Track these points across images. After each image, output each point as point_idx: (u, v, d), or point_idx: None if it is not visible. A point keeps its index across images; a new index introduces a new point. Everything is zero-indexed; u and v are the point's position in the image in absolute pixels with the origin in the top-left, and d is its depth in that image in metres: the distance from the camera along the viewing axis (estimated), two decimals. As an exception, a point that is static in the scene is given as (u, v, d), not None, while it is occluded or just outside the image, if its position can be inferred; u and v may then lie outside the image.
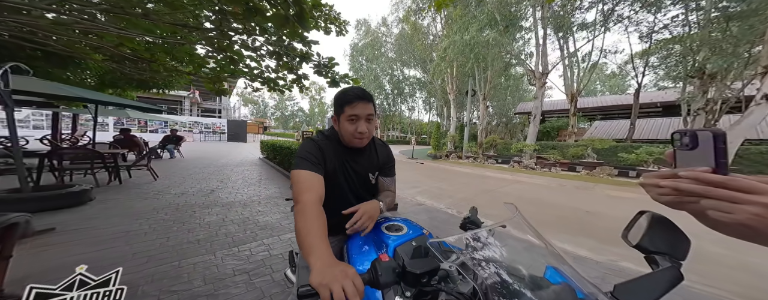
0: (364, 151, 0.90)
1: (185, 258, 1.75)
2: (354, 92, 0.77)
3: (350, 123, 0.77)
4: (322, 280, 0.46)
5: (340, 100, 0.78)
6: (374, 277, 0.49)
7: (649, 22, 8.61)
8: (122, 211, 2.70)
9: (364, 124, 0.77)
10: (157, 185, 4.07)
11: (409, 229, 0.80)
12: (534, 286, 0.46)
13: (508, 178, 6.62)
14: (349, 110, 0.76)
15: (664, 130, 12.26)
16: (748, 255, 2.08)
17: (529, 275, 0.50)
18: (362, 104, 0.76)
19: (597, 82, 30.06)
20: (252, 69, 3.67)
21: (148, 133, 16.37)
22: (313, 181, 0.72)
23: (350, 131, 0.78)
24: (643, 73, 11.02)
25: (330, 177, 0.81)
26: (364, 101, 0.76)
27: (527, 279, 0.49)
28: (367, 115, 0.77)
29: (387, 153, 0.97)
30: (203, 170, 5.79)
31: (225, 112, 28.27)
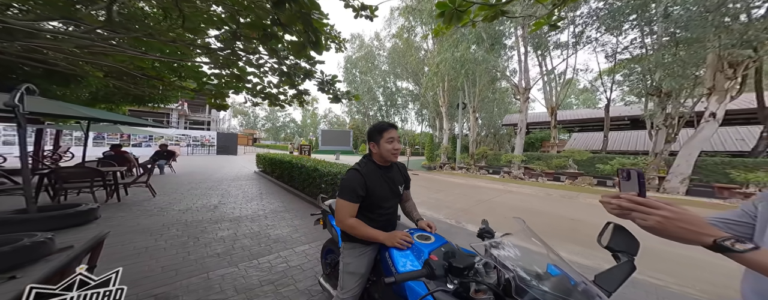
0: (392, 169, 1.21)
1: (211, 270, 1.85)
2: (387, 123, 1.13)
3: (389, 143, 1.10)
4: (392, 239, 1.03)
5: (379, 129, 1.11)
6: (430, 271, 0.74)
7: (613, 43, 9.73)
8: (132, 228, 2.71)
9: (397, 143, 1.11)
10: (158, 202, 4.03)
11: (435, 239, 1.07)
12: (539, 277, 0.68)
13: (500, 188, 6.98)
14: (387, 135, 1.10)
15: (634, 142, 13.37)
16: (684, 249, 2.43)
17: (535, 271, 0.71)
18: (394, 130, 1.11)
19: (572, 97, 32.36)
20: (255, 85, 3.84)
21: (132, 147, 15.72)
22: (351, 208, 1.06)
23: (389, 149, 1.10)
24: (610, 89, 12.22)
25: (375, 190, 1.10)
26: (395, 128, 1.12)
27: (534, 273, 0.70)
28: (398, 137, 1.13)
29: (405, 169, 1.32)
30: (200, 186, 5.72)
31: (214, 123, 27.67)
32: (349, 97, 3.82)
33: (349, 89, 3.59)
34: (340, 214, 1.04)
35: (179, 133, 19.18)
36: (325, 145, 18.06)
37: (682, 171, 6.74)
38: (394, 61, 19.63)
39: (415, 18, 14.79)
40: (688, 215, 0.47)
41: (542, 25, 1.79)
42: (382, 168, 1.14)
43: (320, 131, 19.87)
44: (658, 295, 1.82)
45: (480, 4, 1.65)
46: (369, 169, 1.11)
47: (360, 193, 1.04)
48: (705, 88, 6.63)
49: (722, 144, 10.84)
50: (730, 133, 11.18)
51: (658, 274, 2.11)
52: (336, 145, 18.02)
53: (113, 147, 6.90)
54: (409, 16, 14.98)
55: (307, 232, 2.80)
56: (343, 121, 44.33)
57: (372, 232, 1.03)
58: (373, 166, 1.13)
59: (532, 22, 9.01)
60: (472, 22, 1.74)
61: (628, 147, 13.05)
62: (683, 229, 0.46)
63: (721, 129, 8.13)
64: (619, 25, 8.12)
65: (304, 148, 10.22)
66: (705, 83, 6.64)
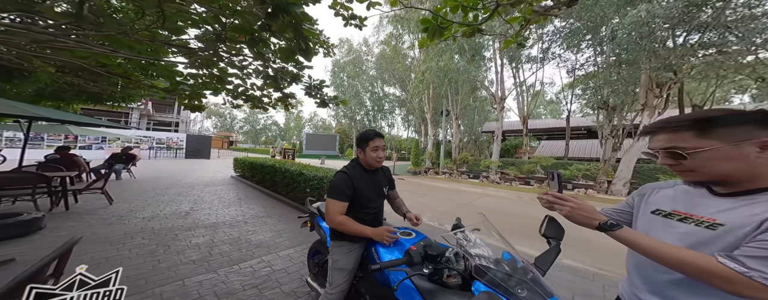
0: (377, 173, 1.32)
1: (187, 277, 1.75)
2: (374, 132, 1.21)
3: (374, 151, 1.18)
4: (378, 234, 1.10)
5: (366, 137, 1.20)
6: (409, 259, 0.87)
7: (573, 60, 11.03)
8: (87, 238, 2.43)
9: (381, 151, 1.20)
10: (115, 210, 3.65)
11: (416, 235, 1.21)
12: (497, 262, 0.87)
13: (479, 192, 7.39)
14: (373, 144, 1.18)
15: (589, 150, 15.01)
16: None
17: (494, 258, 0.90)
18: (379, 139, 1.20)
19: (541, 107, 35.52)
20: (236, 86, 3.71)
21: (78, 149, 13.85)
22: (340, 207, 1.13)
23: (373, 156, 1.19)
24: (571, 102, 13.71)
25: (362, 191, 1.18)
26: (381, 138, 1.20)
27: (493, 260, 0.89)
28: (383, 146, 1.22)
29: (389, 172, 1.44)
30: (167, 192, 5.26)
31: (183, 125, 25.50)
32: (337, 102, 3.85)
33: (336, 94, 3.65)
34: (330, 213, 1.11)
35: (140, 134, 17.37)
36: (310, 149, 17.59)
37: (625, 176, 7.76)
38: (382, 66, 19.86)
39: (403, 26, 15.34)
40: (586, 206, 0.64)
41: (511, 43, 2.07)
42: (369, 172, 1.23)
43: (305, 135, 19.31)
44: (604, 283, 2.10)
45: (457, 23, 1.88)
46: (356, 172, 1.19)
47: (347, 193, 1.13)
48: (640, 103, 7.79)
49: (657, 152, 12.64)
50: (662, 143, 13.08)
51: (599, 264, 2.43)
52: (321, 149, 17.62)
53: (59, 149, 6.09)
54: (398, 24, 15.52)
55: (291, 237, 2.75)
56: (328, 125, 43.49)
57: (360, 227, 1.10)
58: (360, 169, 1.22)
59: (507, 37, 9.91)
60: (453, 37, 1.96)
61: (585, 154, 14.61)
62: (582, 215, 0.63)
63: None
64: (578, 43, 9.24)
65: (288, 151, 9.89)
66: (639, 100, 7.81)
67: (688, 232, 0.56)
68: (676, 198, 0.63)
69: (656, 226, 0.63)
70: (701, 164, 0.53)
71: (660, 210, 0.64)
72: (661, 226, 0.62)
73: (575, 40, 9.08)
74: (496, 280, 0.76)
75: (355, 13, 2.79)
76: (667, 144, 0.57)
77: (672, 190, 0.66)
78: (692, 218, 0.57)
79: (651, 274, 0.62)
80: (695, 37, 6.50)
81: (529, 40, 9.65)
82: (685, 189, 0.63)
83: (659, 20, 6.04)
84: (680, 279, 0.55)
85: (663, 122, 0.59)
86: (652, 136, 0.62)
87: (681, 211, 0.60)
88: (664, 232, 0.60)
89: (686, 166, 0.55)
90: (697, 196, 0.60)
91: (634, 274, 0.67)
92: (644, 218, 0.67)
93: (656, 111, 7.45)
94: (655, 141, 0.60)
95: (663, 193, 0.67)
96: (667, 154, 0.57)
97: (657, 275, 0.60)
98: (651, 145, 0.62)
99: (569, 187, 8.57)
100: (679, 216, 0.60)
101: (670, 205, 0.63)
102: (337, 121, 31.60)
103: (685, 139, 0.54)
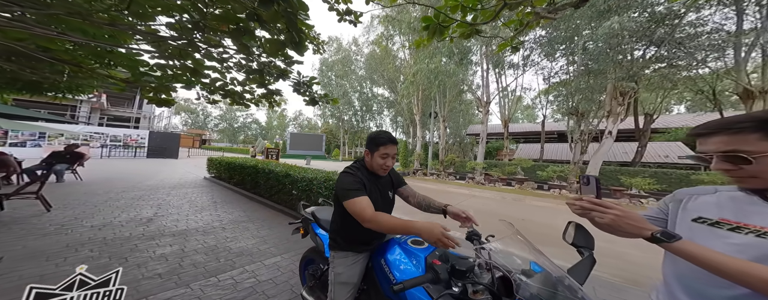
0: (381, 177, 1.17)
1: (151, 294, 1.48)
2: (387, 136, 1.04)
3: (382, 158, 1.03)
4: (428, 229, 0.81)
5: (376, 141, 1.03)
6: (435, 276, 0.74)
7: (549, 68, 11.86)
8: (14, 253, 1.99)
9: (390, 160, 1.05)
10: (54, 218, 3.09)
11: (427, 244, 1.06)
12: (526, 274, 0.76)
13: (466, 193, 7.56)
14: (383, 150, 1.02)
15: (560, 153, 16.24)
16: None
17: (522, 268, 0.80)
18: (392, 146, 1.03)
19: (519, 111, 37.88)
20: (214, 80, 3.36)
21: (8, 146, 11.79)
22: (368, 202, 0.95)
23: (380, 164, 1.04)
24: (545, 107, 14.74)
25: (369, 194, 1.03)
26: (393, 144, 1.04)
27: (520, 271, 0.78)
28: (393, 154, 1.05)
29: (396, 173, 1.27)
30: (123, 195, 4.61)
31: (145, 121, 23.00)
32: (327, 100, 3.65)
33: (326, 92, 3.47)
34: (362, 212, 0.91)
35: (91, 130, 15.34)
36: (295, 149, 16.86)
37: (592, 177, 8.52)
38: (371, 67, 19.70)
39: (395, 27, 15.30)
40: (633, 214, 0.58)
41: (506, 47, 2.09)
42: (373, 175, 1.10)
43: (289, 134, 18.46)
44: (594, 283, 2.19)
45: (459, 22, 1.85)
46: (362, 173, 1.07)
47: (361, 188, 0.98)
48: (605, 110, 8.58)
49: (614, 156, 14.07)
50: (618, 148, 14.61)
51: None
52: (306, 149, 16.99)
53: (-18, 146, 5.08)
54: (389, 24, 15.45)
55: (277, 243, 2.52)
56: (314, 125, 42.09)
57: (401, 220, 0.87)
58: (365, 172, 1.09)
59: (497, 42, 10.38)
60: (450, 37, 1.92)
61: (558, 157, 15.78)
62: (629, 224, 0.57)
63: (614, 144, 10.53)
64: (554, 51, 9.95)
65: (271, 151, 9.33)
66: (605, 107, 8.60)
67: (749, 243, 0.52)
68: (722, 205, 0.59)
69: (702, 235, 0.58)
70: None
71: (704, 218, 0.60)
72: (709, 236, 0.57)
73: (552, 49, 9.77)
74: (543, 299, 0.67)
75: (351, 8, 2.66)
76: (725, 147, 0.52)
77: (714, 197, 0.62)
78: (747, 228, 0.53)
79: (701, 288, 0.57)
80: (652, 51, 7.31)
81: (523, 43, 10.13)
82: (731, 196, 0.59)
83: (626, 33, 6.68)
84: (742, 295, 0.51)
85: (721, 123, 0.54)
86: (703, 139, 0.56)
87: (730, 220, 0.56)
88: (714, 242, 0.55)
89: (748, 171, 0.51)
90: (749, 204, 0.55)
91: (675, 285, 0.62)
92: (684, 226, 0.63)
93: (619, 117, 8.24)
94: (709, 144, 0.55)
95: (703, 199, 0.63)
96: (726, 158, 0.52)
97: (710, 290, 0.55)
98: (702, 148, 0.57)
99: (545, 187, 9.14)
100: (729, 225, 0.56)
101: (716, 213, 0.59)
102: (323, 120, 30.75)
103: (749, 141, 0.50)
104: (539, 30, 10.03)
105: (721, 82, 9.02)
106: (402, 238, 1.11)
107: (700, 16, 6.95)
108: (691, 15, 6.82)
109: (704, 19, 6.88)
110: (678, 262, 0.60)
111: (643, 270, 2.39)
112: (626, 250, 2.92)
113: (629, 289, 1.94)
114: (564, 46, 9.49)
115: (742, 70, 6.75)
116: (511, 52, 2.51)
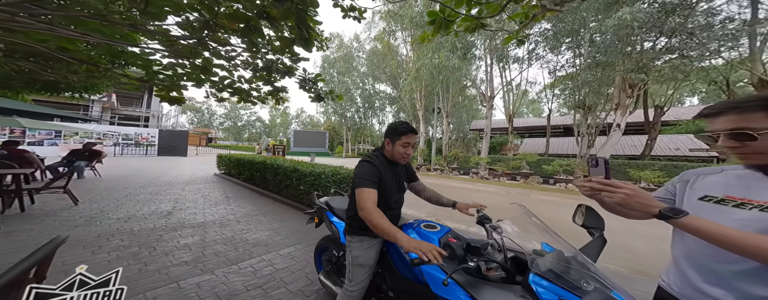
0: (399, 165, 1.23)
1: (181, 279, 1.61)
2: (408, 126, 1.11)
3: (403, 147, 1.10)
4: (418, 246, 0.79)
5: (398, 131, 1.10)
6: (452, 252, 0.81)
7: (554, 61, 11.63)
8: (54, 242, 2.16)
9: (411, 149, 1.12)
10: (82, 211, 3.28)
11: (439, 227, 1.14)
12: (537, 254, 0.79)
13: (470, 188, 7.60)
14: (405, 139, 1.09)
15: (566, 147, 16.03)
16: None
17: (533, 249, 0.84)
18: (413, 135, 1.10)
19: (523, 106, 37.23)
20: (222, 78, 3.43)
21: (27, 145, 12.29)
22: (373, 195, 1.02)
23: (401, 152, 1.10)
24: (551, 101, 14.50)
25: (385, 182, 1.12)
26: (414, 133, 1.10)
27: (532, 251, 0.82)
28: (414, 143, 1.12)
29: (410, 166, 1.35)
30: (142, 190, 4.83)
31: (155, 119, 23.50)
32: (333, 96, 3.69)
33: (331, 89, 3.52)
34: (363, 201, 0.98)
35: (105, 129, 15.80)
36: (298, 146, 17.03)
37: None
38: (374, 63, 19.61)
39: (396, 23, 15.12)
40: (641, 192, 0.59)
41: (512, 40, 2.10)
42: (391, 163, 1.17)
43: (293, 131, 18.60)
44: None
45: (464, 15, 1.87)
46: (381, 162, 1.13)
47: (375, 180, 1.06)
48: (613, 103, 8.42)
49: (622, 149, 13.81)
50: (626, 141, 14.32)
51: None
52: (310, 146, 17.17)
53: (6, 144, 5.35)
54: (391, 20, 15.26)
55: (290, 235, 2.64)
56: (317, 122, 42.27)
57: (392, 230, 0.89)
58: (384, 160, 1.15)
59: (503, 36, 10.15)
60: (455, 32, 1.95)
61: (564, 151, 15.59)
62: (639, 203, 0.58)
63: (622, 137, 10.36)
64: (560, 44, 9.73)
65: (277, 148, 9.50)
66: (613, 100, 8.44)
67: (753, 217, 0.53)
68: (728, 184, 0.61)
69: (708, 212, 0.59)
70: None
71: (710, 196, 0.61)
72: (715, 213, 0.58)
73: (558, 42, 9.56)
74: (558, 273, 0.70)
75: (355, 4, 2.67)
76: (733, 125, 0.54)
77: (721, 176, 0.64)
78: (751, 203, 0.55)
79: (711, 264, 0.58)
80: (662, 42, 7.11)
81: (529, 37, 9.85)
82: (737, 174, 0.61)
83: (636, 24, 6.51)
84: (751, 269, 0.52)
85: (729, 103, 0.56)
86: (712, 119, 0.59)
87: (736, 197, 0.58)
88: (720, 218, 0.56)
89: (753, 147, 0.53)
90: (753, 181, 0.57)
91: (685, 264, 0.63)
92: (691, 205, 0.64)
93: (628, 110, 8.09)
94: (717, 123, 0.57)
95: (711, 179, 0.65)
96: (732, 135, 0.55)
97: (719, 266, 0.56)
98: (712, 128, 0.59)
99: (551, 181, 9.10)
100: (734, 202, 0.57)
101: (722, 190, 0.60)
102: (326, 117, 30.91)
103: (755, 119, 0.52)
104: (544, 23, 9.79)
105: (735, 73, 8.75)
106: (415, 223, 1.17)
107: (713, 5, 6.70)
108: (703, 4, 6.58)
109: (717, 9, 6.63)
110: (687, 240, 0.62)
111: (651, 262, 2.42)
112: (632, 241, 2.95)
113: (638, 279, 1.96)
114: (570, 39, 9.27)
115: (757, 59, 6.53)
116: (517, 45, 2.53)
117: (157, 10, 2.09)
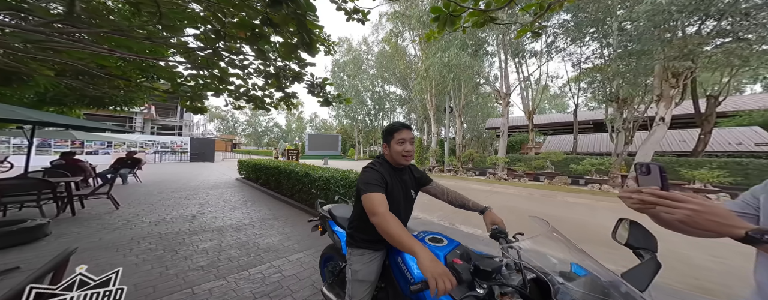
0: (405, 171, 1.14)
1: (196, 285, 1.67)
2: (399, 123, 1.05)
3: (399, 144, 1.02)
4: (434, 270, 0.65)
5: (390, 130, 1.04)
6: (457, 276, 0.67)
7: (578, 53, 10.73)
8: (94, 244, 2.39)
9: (408, 144, 1.03)
10: (122, 215, 3.62)
11: (447, 241, 1.01)
12: (566, 278, 0.64)
13: (487, 189, 7.23)
14: (398, 135, 1.02)
15: (598, 144, 14.68)
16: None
17: (560, 271, 0.68)
18: (406, 131, 1.03)
19: (545, 102, 34.94)
20: (238, 87, 3.59)
21: (85, 155, 14.05)
22: (383, 199, 0.91)
23: (399, 150, 1.02)
24: (577, 95, 13.40)
25: (391, 189, 1.02)
26: (407, 129, 1.04)
27: (559, 273, 0.66)
28: (410, 138, 1.04)
29: (417, 170, 1.25)
30: (173, 195, 5.24)
31: (186, 128, 25.72)
32: (340, 100, 3.72)
33: (339, 92, 3.55)
34: (375, 206, 0.87)
35: (145, 138, 17.57)
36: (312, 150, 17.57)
37: (641, 170, 7.54)
38: (382, 65, 19.76)
39: (404, 23, 15.07)
40: (717, 207, 0.45)
41: (526, 32, 1.93)
42: (396, 170, 1.08)
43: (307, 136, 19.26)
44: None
45: (472, 9, 1.75)
46: (385, 169, 1.04)
47: (383, 185, 0.96)
48: (654, 95, 7.52)
49: (669, 145, 12.30)
50: (673, 136, 12.73)
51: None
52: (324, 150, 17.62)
53: (64, 155, 6.12)
54: (398, 21, 15.27)
55: (300, 240, 2.67)
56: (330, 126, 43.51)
57: (410, 241, 0.75)
58: (387, 166, 1.07)
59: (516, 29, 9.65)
60: (462, 28, 1.83)
61: (594, 148, 14.30)
62: (713, 221, 0.45)
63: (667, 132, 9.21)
64: (582, 36, 8.96)
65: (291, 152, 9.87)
66: (654, 91, 7.54)
67: None
68: None
69: None
70: None
71: None
72: None
73: (580, 33, 8.81)
74: None
75: (358, 6, 2.66)
76: None
77: None
78: None
79: None
80: (710, 26, 6.22)
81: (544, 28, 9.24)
82: None
83: (674, 8, 5.77)
84: None
85: None
86: None
87: None
88: None
89: None
90: None
91: None
92: None
93: (673, 102, 7.18)
94: None
95: None
96: None
97: None
98: None
99: (582, 182, 8.36)
100: None
101: None
102: (338, 121, 31.63)
103: None
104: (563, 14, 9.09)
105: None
106: (420, 236, 1.07)
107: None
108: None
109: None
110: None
111: (712, 276, 2.06)
112: (685, 250, 2.54)
113: (699, 298, 1.66)
114: (594, 29, 8.48)
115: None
116: (532, 38, 2.32)
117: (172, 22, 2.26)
